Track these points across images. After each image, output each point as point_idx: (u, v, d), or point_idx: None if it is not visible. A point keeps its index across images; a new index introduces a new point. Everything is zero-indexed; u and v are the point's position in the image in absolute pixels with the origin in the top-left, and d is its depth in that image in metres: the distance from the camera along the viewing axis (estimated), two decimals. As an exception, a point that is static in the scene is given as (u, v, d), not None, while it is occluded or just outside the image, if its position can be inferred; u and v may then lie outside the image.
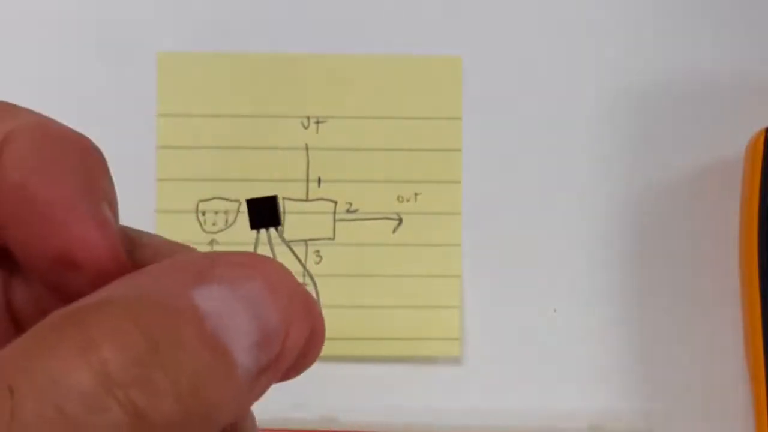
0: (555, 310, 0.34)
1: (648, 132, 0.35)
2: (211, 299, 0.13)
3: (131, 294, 0.13)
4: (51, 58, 0.35)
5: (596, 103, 0.35)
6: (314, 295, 0.16)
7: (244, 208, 0.35)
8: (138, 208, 0.34)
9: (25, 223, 0.15)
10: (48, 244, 0.15)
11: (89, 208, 0.15)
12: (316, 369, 0.17)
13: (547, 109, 0.35)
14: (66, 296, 0.14)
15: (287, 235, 0.35)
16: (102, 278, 0.14)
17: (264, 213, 0.16)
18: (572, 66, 0.35)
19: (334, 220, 0.35)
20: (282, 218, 0.16)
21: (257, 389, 0.14)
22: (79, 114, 0.35)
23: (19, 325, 0.16)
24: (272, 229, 0.16)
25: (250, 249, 0.34)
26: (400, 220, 0.35)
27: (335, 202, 0.35)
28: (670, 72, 0.35)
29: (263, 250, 0.16)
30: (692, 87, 0.35)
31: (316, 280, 0.34)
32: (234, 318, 0.14)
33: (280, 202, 0.17)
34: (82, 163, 0.16)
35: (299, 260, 0.34)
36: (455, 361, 0.34)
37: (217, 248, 0.34)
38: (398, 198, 0.35)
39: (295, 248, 0.35)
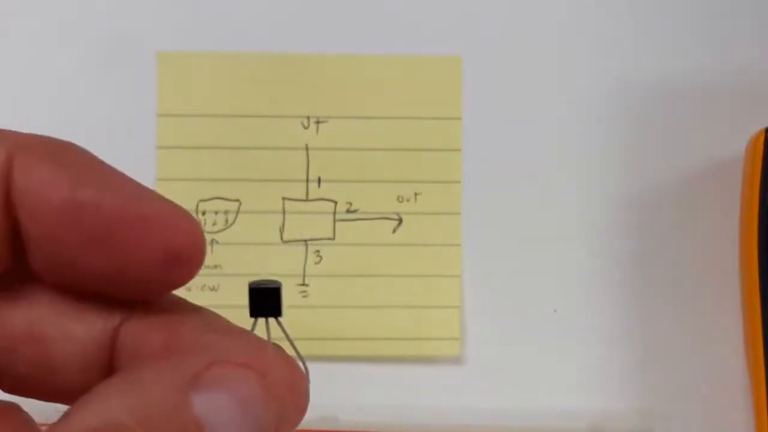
0: (555, 310, 0.34)
1: (648, 132, 0.35)
2: (211, 409, 0.14)
3: (134, 414, 0.13)
4: (51, 58, 0.35)
5: (596, 103, 0.35)
6: (302, 366, 0.16)
7: (244, 208, 0.35)
8: (138, 208, 0.34)
9: (111, 240, 0.15)
10: (151, 247, 0.15)
11: (162, 202, 0.16)
12: (316, 369, 0.17)
13: (546, 109, 0.35)
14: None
15: (287, 236, 0.35)
16: (197, 269, 0.15)
17: (266, 303, 0.16)
18: (572, 66, 0.35)
19: (334, 220, 0.35)
20: (282, 309, 0.16)
21: None
22: (80, 114, 0.35)
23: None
24: (272, 319, 0.16)
25: (250, 249, 0.34)
26: (400, 220, 0.35)
27: (335, 202, 0.35)
28: (669, 72, 0.35)
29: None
30: (692, 87, 0.35)
31: (316, 280, 0.34)
32: (234, 425, 0.14)
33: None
34: (96, 163, 0.16)
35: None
36: (455, 361, 0.34)
37: (217, 248, 0.34)
38: (398, 198, 0.35)
39: (295, 248, 0.35)
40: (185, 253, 0.15)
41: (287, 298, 0.18)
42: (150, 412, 0.13)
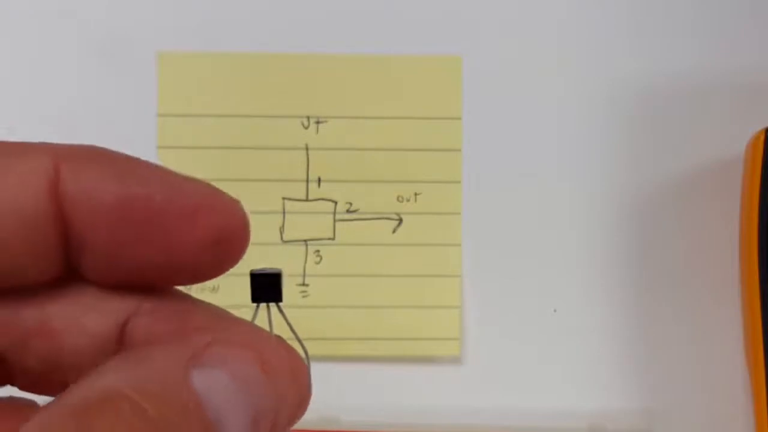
0: (555, 310, 0.34)
1: (648, 132, 0.35)
2: (210, 386, 0.14)
3: (133, 385, 0.13)
4: (51, 58, 0.35)
5: (596, 103, 0.35)
6: (303, 354, 0.17)
7: (244, 208, 0.35)
8: (138, 208, 0.34)
9: (164, 230, 0.15)
10: (202, 232, 0.16)
11: (205, 187, 0.16)
12: (316, 369, 0.18)
13: (546, 108, 0.35)
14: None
15: (287, 236, 0.35)
16: (245, 249, 0.16)
17: (267, 288, 0.17)
18: (572, 66, 0.35)
19: (334, 220, 0.35)
20: (282, 295, 0.17)
21: None
22: (80, 114, 0.35)
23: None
24: (273, 304, 0.17)
25: (250, 249, 0.34)
26: (400, 220, 0.35)
27: (335, 202, 0.35)
28: (669, 72, 0.35)
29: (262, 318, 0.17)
30: (692, 87, 0.35)
31: (316, 280, 0.34)
32: (232, 404, 0.14)
33: (284, 277, 0.17)
34: (134, 160, 0.17)
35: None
36: (455, 361, 0.34)
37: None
38: (398, 198, 0.35)
39: (295, 248, 0.35)
40: (234, 235, 0.16)
41: (287, 298, 0.18)
42: (150, 385, 0.14)
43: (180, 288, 0.17)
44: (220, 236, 0.16)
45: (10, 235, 0.15)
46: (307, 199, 0.35)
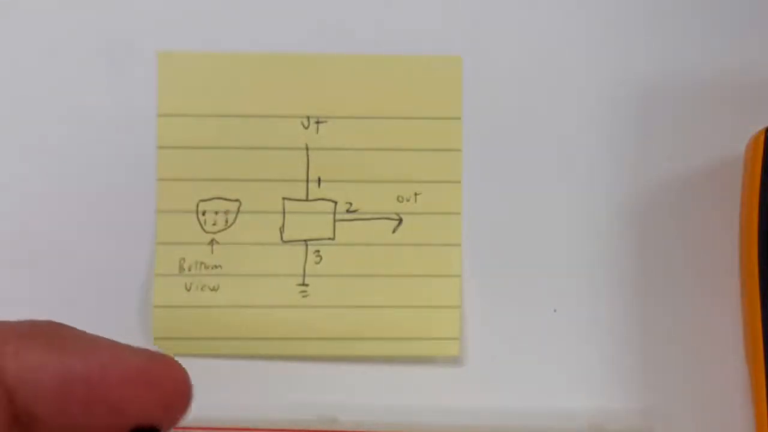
0: (555, 310, 0.34)
1: (648, 132, 0.35)
2: None
3: None
4: (50, 58, 0.35)
5: (596, 103, 0.35)
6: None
7: (244, 208, 0.35)
8: (138, 208, 0.34)
9: (108, 401, 0.17)
10: (144, 399, 0.17)
11: (145, 356, 0.18)
12: (316, 369, 0.18)
13: (547, 108, 0.35)
14: None
15: (287, 236, 0.35)
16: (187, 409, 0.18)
17: None
18: (572, 66, 0.35)
19: (334, 220, 0.35)
20: None
21: None
22: (79, 114, 0.35)
23: None
24: None
25: (250, 249, 0.34)
26: (400, 220, 0.35)
27: (335, 202, 0.35)
28: (669, 72, 0.35)
29: None
30: (692, 87, 0.35)
31: (316, 280, 0.34)
32: None
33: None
34: (77, 334, 0.18)
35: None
36: (455, 361, 0.34)
37: (217, 248, 0.34)
38: (398, 198, 0.35)
39: (295, 248, 0.35)
40: (174, 400, 0.18)
41: (287, 297, 0.18)
42: None
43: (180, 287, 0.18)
44: (160, 403, 0.17)
45: None
46: (307, 199, 0.35)
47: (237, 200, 0.35)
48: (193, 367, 0.35)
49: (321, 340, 0.34)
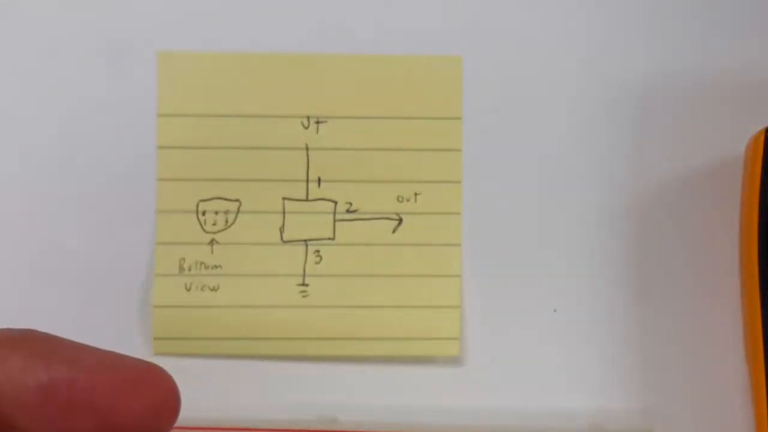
0: (555, 310, 0.34)
1: (648, 132, 0.35)
2: None
3: None
4: (50, 58, 0.35)
5: (596, 103, 0.35)
6: None
7: (244, 208, 0.35)
8: (138, 208, 0.34)
9: (93, 408, 0.17)
10: (131, 406, 0.17)
11: (132, 364, 0.18)
12: (316, 369, 0.18)
13: (547, 108, 0.35)
14: None
15: (287, 236, 0.35)
16: (175, 417, 0.18)
17: None
18: (572, 66, 0.35)
19: (334, 220, 0.35)
20: None
21: None
22: (79, 114, 0.35)
23: None
24: None
25: (250, 249, 0.34)
26: (400, 220, 0.35)
27: (335, 202, 0.35)
28: (669, 72, 0.35)
29: None
30: (692, 87, 0.35)
31: (316, 280, 0.34)
32: None
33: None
34: (60, 342, 0.18)
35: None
36: (455, 361, 0.34)
37: (217, 248, 0.34)
38: (398, 198, 0.35)
39: (295, 248, 0.35)
40: (161, 407, 0.17)
41: (287, 297, 0.18)
42: None
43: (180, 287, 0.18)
44: (148, 411, 0.17)
45: None
46: (307, 199, 0.35)
47: (237, 200, 0.35)
48: (193, 367, 0.35)
49: (321, 340, 0.34)
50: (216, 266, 0.34)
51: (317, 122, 0.35)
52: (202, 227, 0.34)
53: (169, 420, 0.17)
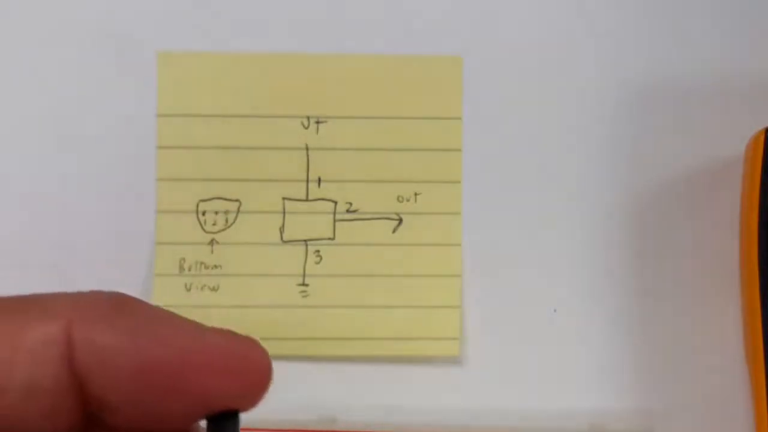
0: (555, 310, 0.34)
1: (648, 132, 0.35)
2: None
3: None
4: (50, 58, 0.35)
5: (596, 103, 0.35)
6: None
7: (244, 208, 0.35)
8: (138, 208, 0.34)
9: (185, 388, 0.16)
10: (224, 385, 0.16)
11: (223, 338, 0.17)
12: (316, 369, 0.18)
13: (547, 108, 0.35)
14: None
15: (287, 236, 0.35)
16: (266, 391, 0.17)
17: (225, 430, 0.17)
18: (572, 66, 0.35)
19: (334, 220, 0.35)
20: None
21: None
22: (79, 114, 0.35)
23: None
24: None
25: (250, 249, 0.34)
26: (400, 220, 0.35)
27: (335, 202, 0.35)
28: (669, 72, 0.35)
29: None
30: (692, 87, 0.35)
31: (316, 280, 0.34)
32: None
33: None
34: (151, 313, 0.17)
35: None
36: (455, 361, 0.34)
37: (217, 248, 0.34)
38: (398, 198, 0.35)
39: (295, 248, 0.35)
40: (256, 384, 0.16)
41: (287, 297, 0.18)
42: None
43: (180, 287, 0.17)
44: (244, 386, 0.16)
45: (24, 409, 0.15)
46: (307, 199, 0.35)
47: (237, 200, 0.35)
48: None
49: (321, 340, 0.34)
50: (216, 266, 0.34)
51: (317, 122, 0.35)
52: (202, 227, 0.34)
53: (263, 392, 0.17)
